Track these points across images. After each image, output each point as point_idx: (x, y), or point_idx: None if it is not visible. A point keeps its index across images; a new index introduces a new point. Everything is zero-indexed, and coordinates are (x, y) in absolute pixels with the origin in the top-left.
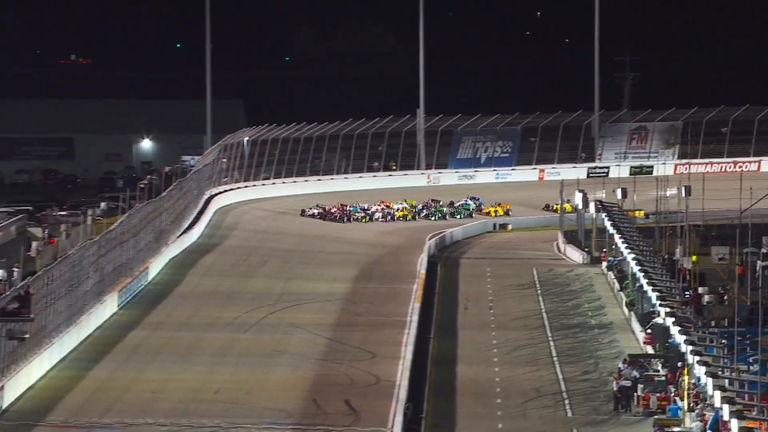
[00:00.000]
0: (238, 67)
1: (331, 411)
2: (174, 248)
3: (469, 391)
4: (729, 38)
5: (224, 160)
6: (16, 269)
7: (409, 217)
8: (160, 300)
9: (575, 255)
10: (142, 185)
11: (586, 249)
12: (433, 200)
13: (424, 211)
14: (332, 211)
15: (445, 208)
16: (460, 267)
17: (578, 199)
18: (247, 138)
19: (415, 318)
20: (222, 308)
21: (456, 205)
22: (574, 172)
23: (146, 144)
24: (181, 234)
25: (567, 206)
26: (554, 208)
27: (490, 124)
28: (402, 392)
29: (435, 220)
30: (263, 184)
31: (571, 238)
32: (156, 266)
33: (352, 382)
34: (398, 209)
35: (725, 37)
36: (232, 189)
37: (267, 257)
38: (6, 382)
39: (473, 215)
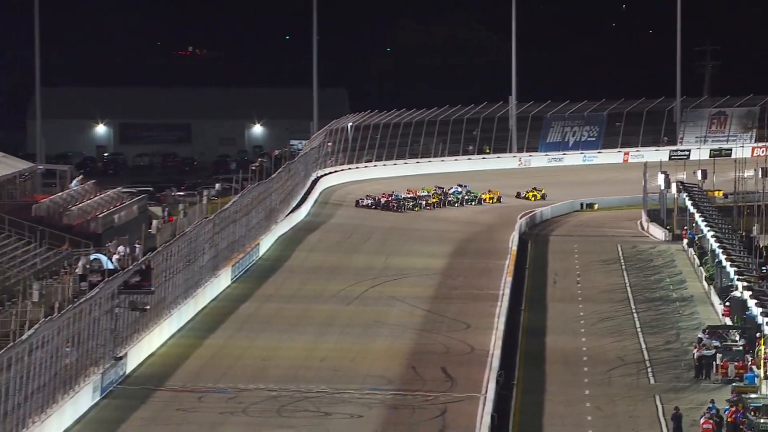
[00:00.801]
0: (343, 57)
1: (428, 378)
2: (283, 226)
3: (558, 359)
4: None
5: (329, 144)
6: (137, 245)
7: (439, 204)
8: (270, 274)
9: (658, 232)
10: (253, 167)
11: (668, 227)
12: (438, 187)
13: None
14: (383, 201)
15: (458, 196)
16: (549, 244)
17: (661, 180)
18: (350, 123)
19: (507, 291)
20: (327, 282)
21: (449, 192)
22: (657, 154)
23: (257, 129)
24: (289, 213)
25: (536, 194)
26: (525, 196)
27: (578, 110)
28: (495, 361)
29: (457, 206)
30: (365, 167)
31: (654, 216)
32: (266, 243)
33: (448, 350)
34: (429, 196)
35: None
36: (336, 171)
37: (369, 234)
38: (129, 349)
39: (482, 202)
